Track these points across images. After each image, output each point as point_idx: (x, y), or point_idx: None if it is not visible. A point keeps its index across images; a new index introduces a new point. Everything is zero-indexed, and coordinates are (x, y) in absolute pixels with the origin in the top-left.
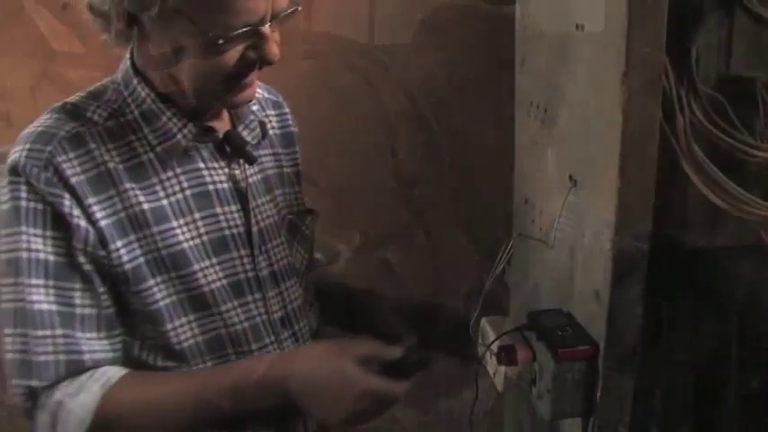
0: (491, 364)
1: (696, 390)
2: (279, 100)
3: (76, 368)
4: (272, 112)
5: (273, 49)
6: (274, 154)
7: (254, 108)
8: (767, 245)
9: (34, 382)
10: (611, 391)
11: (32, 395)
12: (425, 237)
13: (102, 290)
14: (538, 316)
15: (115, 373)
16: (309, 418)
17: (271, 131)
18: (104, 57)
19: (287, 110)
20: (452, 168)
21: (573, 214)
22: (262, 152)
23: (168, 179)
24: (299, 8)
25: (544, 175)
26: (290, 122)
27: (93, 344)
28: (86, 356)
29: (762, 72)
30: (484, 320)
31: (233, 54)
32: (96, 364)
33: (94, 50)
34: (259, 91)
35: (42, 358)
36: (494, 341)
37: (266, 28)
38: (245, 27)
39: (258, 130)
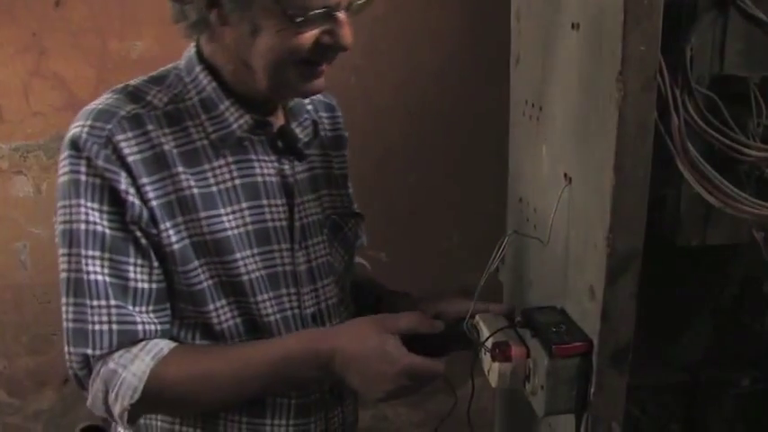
0: (485, 360)
1: (688, 387)
2: (332, 103)
3: (130, 338)
4: (325, 114)
5: (348, 35)
6: (324, 155)
7: (309, 108)
8: (759, 243)
9: (89, 351)
10: (604, 388)
11: (87, 363)
12: (418, 236)
13: (156, 264)
14: (532, 313)
15: (167, 344)
16: (352, 392)
17: (322, 133)
18: (96, 54)
19: (339, 113)
20: (446, 166)
21: (567, 212)
22: (312, 151)
23: (219, 167)
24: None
25: (538, 173)
26: (342, 126)
27: (145, 316)
28: (139, 327)
29: (755, 72)
30: (478, 317)
31: (308, 37)
32: (147, 335)
33: (87, 47)
34: None
35: (97, 327)
36: (488, 338)
37: (342, 13)
38: (323, 8)
39: (310, 128)
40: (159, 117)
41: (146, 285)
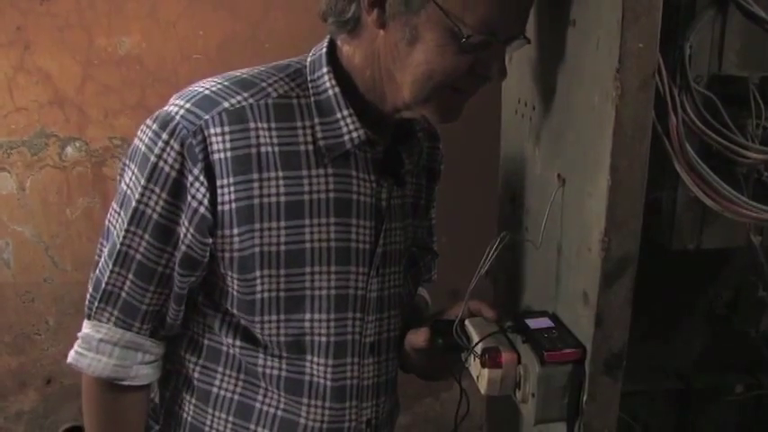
0: (474, 366)
1: (682, 393)
2: (437, 134)
3: (131, 314)
4: (428, 144)
5: (503, 69)
6: (417, 184)
7: (419, 135)
8: (756, 247)
9: (95, 301)
10: (597, 396)
11: (91, 306)
12: None
13: (183, 272)
14: (523, 317)
15: (147, 379)
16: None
17: (421, 162)
18: (83, 49)
19: (440, 145)
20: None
21: (560, 214)
22: (408, 179)
23: (317, 176)
24: (529, 42)
25: (531, 174)
26: (439, 159)
27: (156, 298)
28: (143, 307)
29: (754, 72)
30: (467, 322)
31: (465, 60)
32: (149, 318)
33: (73, 42)
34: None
35: (109, 288)
36: (477, 343)
37: (504, 45)
38: (489, 35)
39: (416, 156)
40: (269, 108)
41: (168, 271)
